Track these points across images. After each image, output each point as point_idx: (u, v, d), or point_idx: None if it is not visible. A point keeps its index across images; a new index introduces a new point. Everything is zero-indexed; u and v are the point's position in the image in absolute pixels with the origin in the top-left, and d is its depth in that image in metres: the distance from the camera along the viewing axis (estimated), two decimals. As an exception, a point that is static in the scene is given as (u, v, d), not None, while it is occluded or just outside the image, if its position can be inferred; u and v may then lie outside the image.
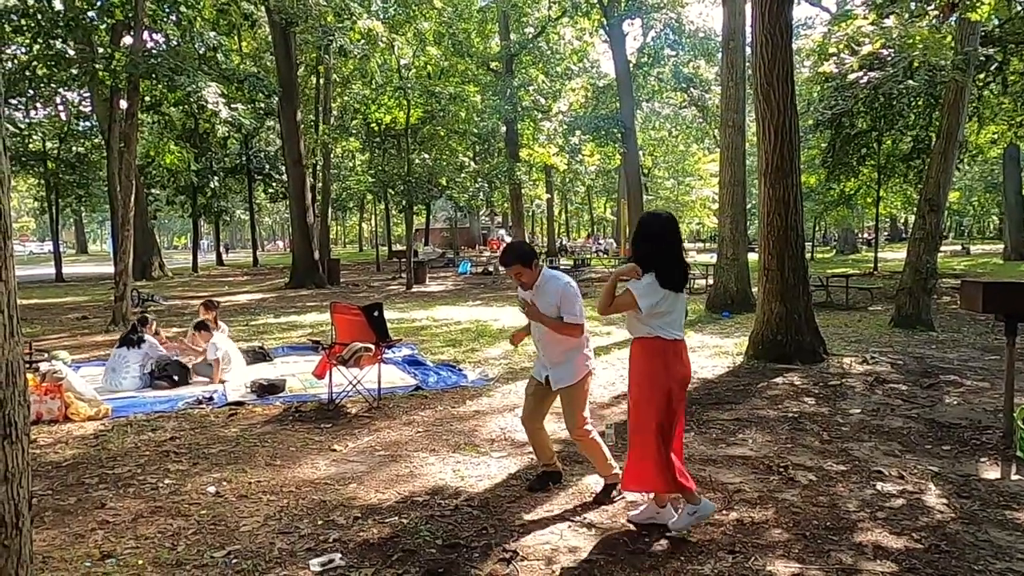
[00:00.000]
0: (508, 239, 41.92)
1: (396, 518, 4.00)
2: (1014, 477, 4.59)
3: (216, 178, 32.78)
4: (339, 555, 3.52)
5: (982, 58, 11.95)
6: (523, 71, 31.10)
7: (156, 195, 33.73)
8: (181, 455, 5.21)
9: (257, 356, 8.91)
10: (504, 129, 29.89)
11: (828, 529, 3.79)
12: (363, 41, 16.84)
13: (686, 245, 55.88)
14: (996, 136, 20.37)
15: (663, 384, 3.69)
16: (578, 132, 31.17)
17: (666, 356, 3.71)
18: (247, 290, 21.40)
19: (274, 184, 34.98)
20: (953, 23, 11.58)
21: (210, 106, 12.39)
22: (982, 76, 14.83)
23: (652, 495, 3.92)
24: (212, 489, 4.49)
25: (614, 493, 4.23)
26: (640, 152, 35.57)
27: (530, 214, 49.02)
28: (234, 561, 3.49)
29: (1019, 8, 13.78)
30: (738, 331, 10.82)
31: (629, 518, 3.92)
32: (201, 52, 14.90)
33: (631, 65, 32.51)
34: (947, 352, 9.06)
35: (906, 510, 4.06)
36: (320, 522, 3.97)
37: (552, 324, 4.09)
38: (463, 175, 26.55)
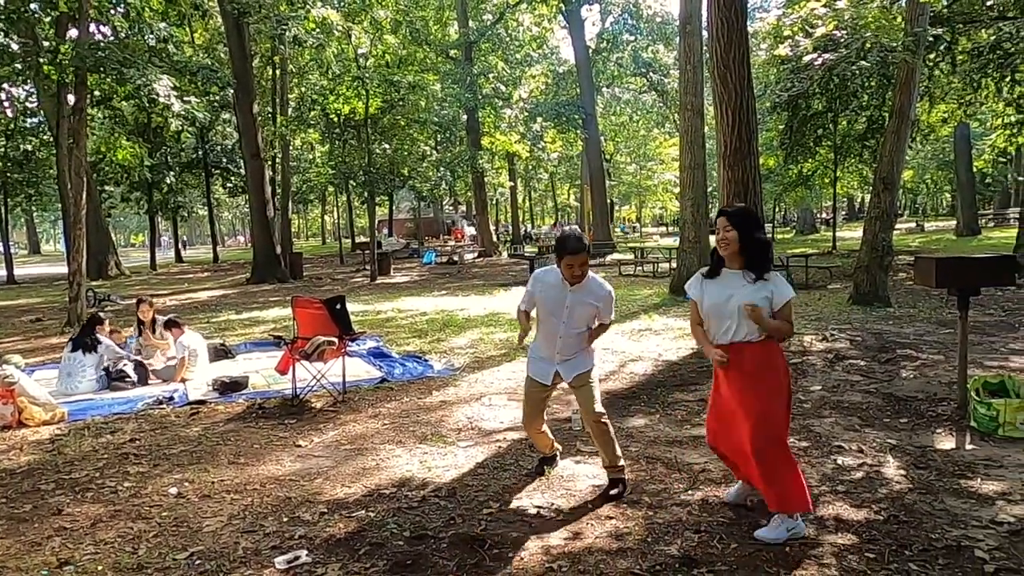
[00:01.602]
0: (471, 229, 41.85)
1: (363, 512, 3.97)
2: (968, 447, 4.71)
3: (172, 173, 32.09)
4: (305, 552, 3.48)
5: (931, 38, 12.16)
6: (483, 59, 30.91)
7: (110, 192, 32.92)
8: (141, 457, 5.10)
9: (219, 353, 8.76)
10: (465, 117, 29.72)
11: (791, 505, 3.85)
12: (318, 30, 16.55)
13: (648, 230, 56.34)
14: (947, 115, 20.76)
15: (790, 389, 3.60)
16: (539, 119, 31.13)
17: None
18: (208, 287, 21.03)
19: (232, 178, 34.40)
20: (903, 4, 11.78)
21: (162, 99, 12.05)
22: (932, 56, 15.09)
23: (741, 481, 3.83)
24: (174, 490, 4.40)
25: (616, 490, 4.05)
26: (602, 138, 35.70)
27: (494, 202, 48.94)
28: (197, 562, 3.43)
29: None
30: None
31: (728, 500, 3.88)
32: (151, 44, 14.52)
33: (590, 51, 32.57)
34: (903, 327, 9.26)
35: (865, 483, 4.14)
36: (285, 519, 3.92)
37: (597, 333, 4.19)
38: (425, 164, 26.37)
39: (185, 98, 12.81)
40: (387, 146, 23.01)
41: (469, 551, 3.45)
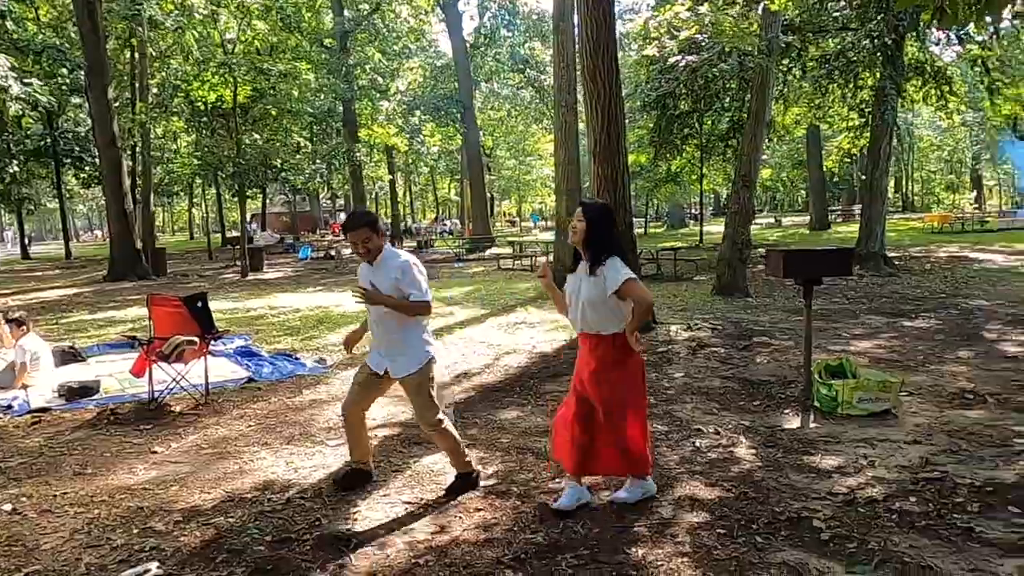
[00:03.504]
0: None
1: (222, 518, 3.79)
2: (811, 425, 5.07)
3: (16, 162, 29.41)
4: (156, 564, 3.28)
5: (783, 45, 13.02)
6: (359, 49, 30.25)
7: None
8: (-30, 472, 4.64)
9: (67, 357, 8.09)
10: (341, 109, 29.01)
11: (651, 487, 4.01)
12: (177, 12, 15.62)
13: (527, 224, 57.25)
14: (799, 117, 22.30)
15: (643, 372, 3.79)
16: (418, 112, 30.86)
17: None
18: (58, 285, 19.45)
19: (86, 168, 31.89)
20: (759, 12, 12.51)
21: (-3, 80, 11.03)
22: (786, 62, 16.15)
23: (571, 477, 3.80)
24: (7, 507, 4.03)
25: (471, 482, 4.06)
26: (480, 132, 35.84)
27: (372, 196, 48.12)
28: (32, 583, 3.16)
29: (814, 0, 15.10)
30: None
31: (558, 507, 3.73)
32: (-15, 20, 13.25)
33: (468, 45, 32.59)
34: (760, 316, 9.88)
35: (720, 463, 4.38)
36: (136, 531, 3.68)
37: (399, 305, 3.84)
38: (299, 156, 25.54)
39: (26, 80, 11.75)
40: (258, 137, 22.09)
41: (334, 551, 3.38)
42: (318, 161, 28.28)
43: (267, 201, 40.91)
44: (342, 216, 45.91)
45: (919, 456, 4.36)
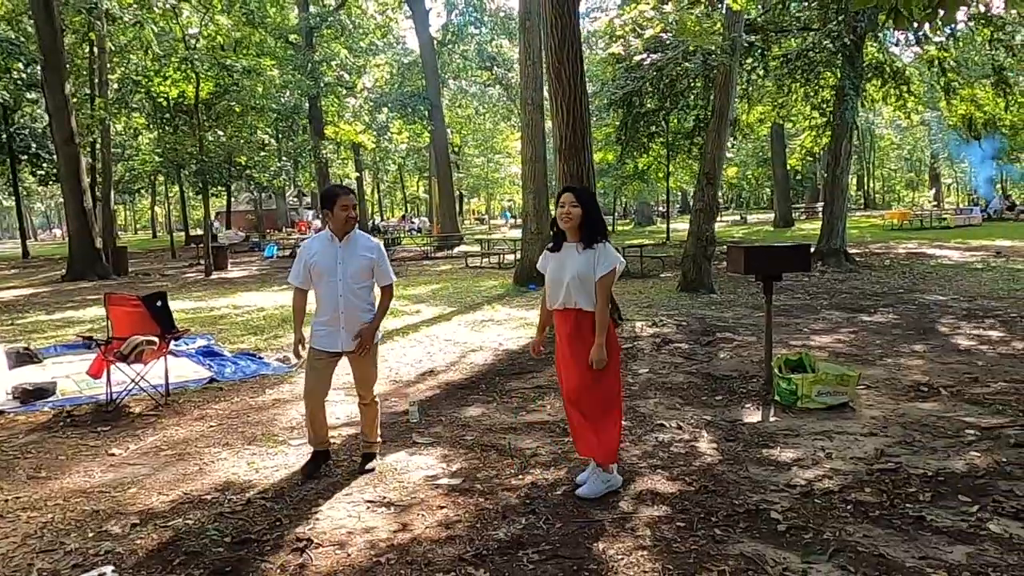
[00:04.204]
0: (317, 222, 40.59)
1: (180, 520, 3.73)
2: (771, 419, 5.16)
3: (-31, 159, 28.63)
4: (111, 568, 3.22)
5: (746, 44, 13.18)
6: (325, 45, 29.96)
7: None
8: (-82, 477, 4.51)
9: (22, 358, 7.90)
10: (307, 105, 28.71)
11: (614, 482, 4.04)
12: (136, 6, 15.31)
13: (495, 222, 57.30)
14: (763, 116, 22.61)
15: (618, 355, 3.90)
16: (385, 109, 30.66)
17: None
18: (14, 284, 18.98)
19: (44, 165, 31.11)
20: (723, 11, 12.65)
21: (-53, 75, 10.69)
22: (749, 61, 16.36)
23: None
24: (-43, 512, 3.93)
25: (372, 464, 4.35)
26: (448, 130, 35.73)
27: (340, 194, 47.65)
28: (-19, 590, 3.09)
29: (776, 0, 15.33)
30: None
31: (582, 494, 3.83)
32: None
33: (436, 42, 32.44)
34: (724, 312, 10.00)
35: (681, 457, 4.43)
36: (91, 534, 3.61)
37: (383, 312, 4.35)
38: (264, 153, 25.22)
39: (-22, 74, 11.42)
40: (221, 133, 21.76)
41: (294, 552, 3.35)
42: (284, 158, 27.94)
43: (232, 199, 40.33)
44: (308, 214, 45.49)
45: (874, 448, 4.46)
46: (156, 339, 6.10)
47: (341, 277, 4.14)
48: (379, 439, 4.49)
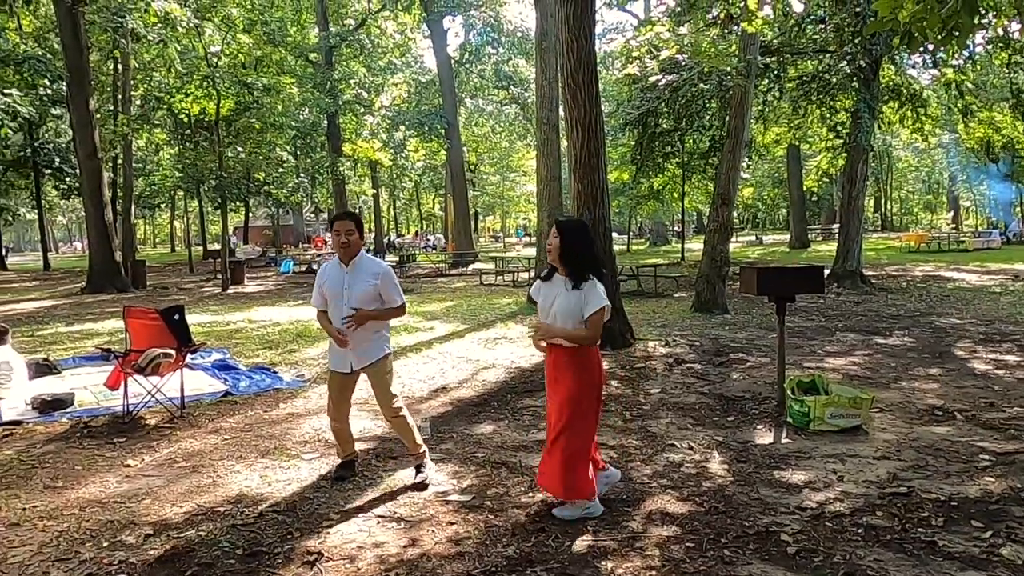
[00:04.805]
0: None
1: (193, 531, 3.77)
2: (784, 441, 5.14)
3: (-6, 172, 29.18)
4: (124, 577, 3.27)
5: (761, 66, 13.23)
6: (344, 64, 30.34)
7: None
8: (-61, 485, 4.59)
9: (41, 369, 8.02)
10: (326, 123, 29.04)
11: (623, 501, 4.05)
12: (160, 25, 15.62)
13: (510, 240, 57.48)
14: (779, 137, 22.64)
15: (600, 393, 3.86)
16: (402, 127, 30.94)
17: (600, 365, 3.85)
18: (35, 296, 19.25)
19: (67, 179, 31.66)
20: (738, 34, 12.73)
21: (-24, 91, 10.95)
22: (765, 82, 16.42)
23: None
24: (-25, 520, 4.00)
25: (423, 474, 4.39)
26: (464, 148, 35.99)
27: (356, 210, 48.04)
28: (-2, 597, 3.14)
29: (792, 22, 15.39)
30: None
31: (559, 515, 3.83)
32: (-34, 29, 13.15)
33: (453, 61, 32.78)
34: (737, 332, 9.98)
35: (692, 477, 4.42)
36: (105, 544, 3.66)
37: (383, 314, 4.31)
38: (282, 170, 25.50)
39: (6, 91, 11.68)
40: (241, 150, 22.05)
41: (305, 565, 3.37)
42: (302, 175, 28.24)
43: (250, 214, 40.74)
44: (324, 231, 45.84)
45: (887, 471, 4.43)
46: (173, 352, 6.18)
47: (347, 302, 4.23)
48: (420, 448, 4.48)
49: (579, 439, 3.76)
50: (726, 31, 12.21)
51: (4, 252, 38.12)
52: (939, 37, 4.62)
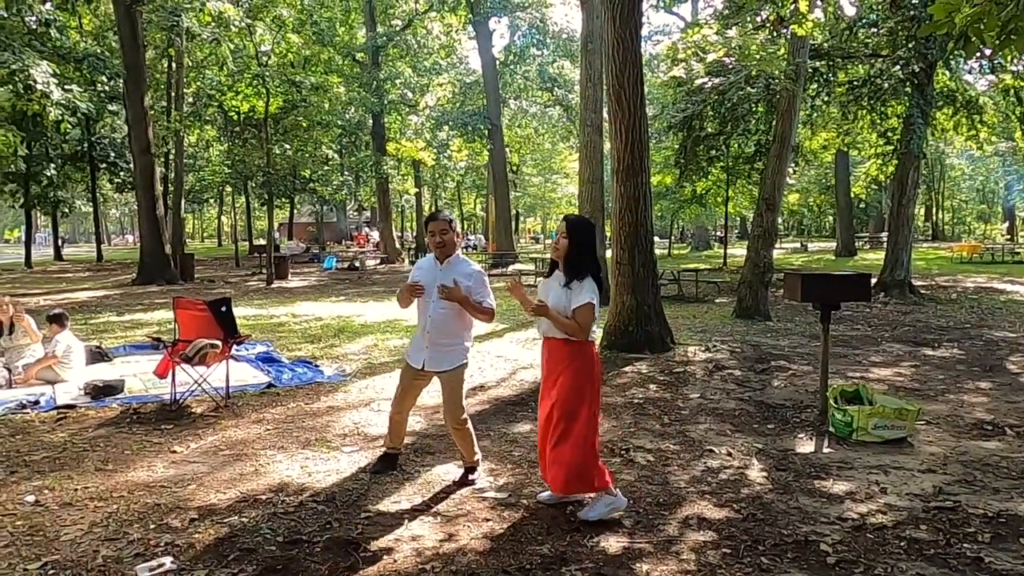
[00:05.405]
0: (375, 234, 41.38)
1: (235, 518, 3.87)
2: (825, 450, 5.05)
3: (53, 166, 30.13)
4: (170, 559, 3.37)
5: (810, 70, 13.00)
6: (390, 64, 30.68)
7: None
8: (-3, 464, 4.78)
9: (95, 356, 8.29)
10: (371, 122, 29.40)
11: (660, 505, 4.04)
12: (214, 24, 16.00)
13: (550, 241, 57.45)
14: (827, 142, 22.22)
15: (599, 388, 3.91)
16: (446, 127, 31.15)
17: (597, 360, 3.92)
18: (88, 287, 19.87)
19: (121, 173, 32.59)
20: (787, 37, 12.54)
21: (39, 86, 11.36)
22: (813, 87, 16.13)
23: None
24: (31, 498, 4.15)
25: (472, 476, 4.41)
26: (507, 149, 36.07)
27: (399, 209, 48.51)
28: (51, 572, 3.26)
29: (844, 26, 15.09)
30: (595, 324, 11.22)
31: (540, 499, 4.05)
32: (32, 27, 13.64)
33: (498, 62, 32.89)
34: (780, 339, 9.83)
35: (730, 484, 4.38)
36: (152, 526, 3.77)
37: (475, 307, 4.19)
38: (327, 168, 25.88)
39: (67, 87, 12.10)
40: (288, 147, 22.46)
41: (343, 555, 3.44)
42: (346, 173, 28.63)
43: (295, 211, 41.44)
44: (367, 228, 46.38)
45: (932, 485, 4.33)
46: (219, 343, 6.34)
47: (434, 298, 4.20)
48: (476, 457, 4.47)
49: (585, 428, 3.79)
50: (775, 34, 12.03)
51: (60, 243, 39.39)
52: (997, 41, 4.50)
